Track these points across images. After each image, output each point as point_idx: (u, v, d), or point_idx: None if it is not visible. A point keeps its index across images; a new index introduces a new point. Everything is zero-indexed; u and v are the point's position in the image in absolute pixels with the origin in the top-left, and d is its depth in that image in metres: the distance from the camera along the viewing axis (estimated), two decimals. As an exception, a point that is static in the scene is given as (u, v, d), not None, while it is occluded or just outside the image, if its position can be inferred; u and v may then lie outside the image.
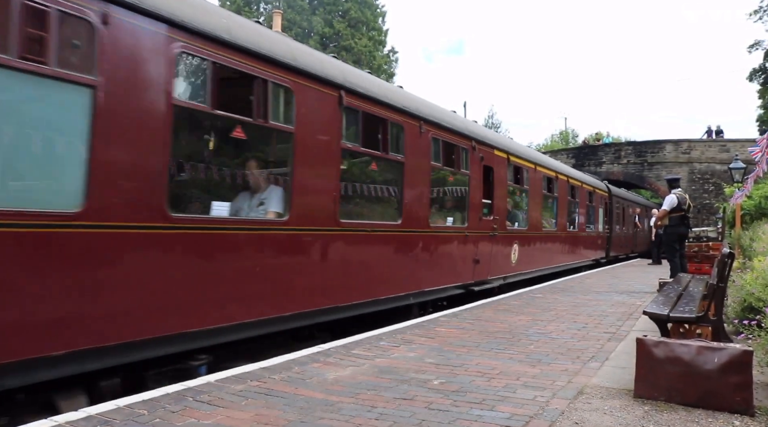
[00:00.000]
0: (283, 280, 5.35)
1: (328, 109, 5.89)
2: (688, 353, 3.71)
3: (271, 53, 5.10)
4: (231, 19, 4.94)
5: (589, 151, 34.21)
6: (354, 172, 6.98)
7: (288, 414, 3.41)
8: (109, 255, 3.81)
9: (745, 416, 3.51)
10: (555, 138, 62.50)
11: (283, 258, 5.37)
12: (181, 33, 4.27)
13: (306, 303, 5.63)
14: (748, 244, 11.16)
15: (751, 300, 5.38)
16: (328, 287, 5.93)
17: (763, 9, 32.27)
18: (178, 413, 3.38)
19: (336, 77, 5.98)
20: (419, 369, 4.53)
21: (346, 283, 6.23)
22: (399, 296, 7.20)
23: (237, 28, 4.86)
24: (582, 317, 7.25)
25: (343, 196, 6.32)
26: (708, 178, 29.55)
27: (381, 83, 7.39)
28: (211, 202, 4.84)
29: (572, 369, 4.61)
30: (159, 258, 4.15)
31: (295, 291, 5.50)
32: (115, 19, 3.80)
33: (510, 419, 3.38)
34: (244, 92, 5.00)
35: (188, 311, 4.36)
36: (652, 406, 3.68)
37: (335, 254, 6.07)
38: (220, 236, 4.65)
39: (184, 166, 4.92)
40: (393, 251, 7.16)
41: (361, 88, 6.37)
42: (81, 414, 3.29)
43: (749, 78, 35.28)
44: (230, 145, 5.51)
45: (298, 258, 5.58)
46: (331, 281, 5.97)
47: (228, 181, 5.52)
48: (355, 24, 42.06)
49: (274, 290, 5.23)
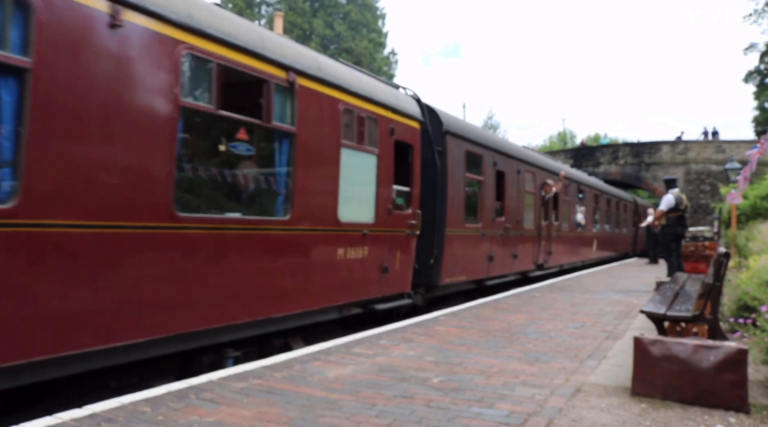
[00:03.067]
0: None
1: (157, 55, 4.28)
2: (685, 352, 3.75)
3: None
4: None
5: (587, 152, 34.40)
6: (207, 146, 5.52)
7: (289, 412, 3.45)
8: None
9: (741, 413, 3.56)
10: (553, 139, 62.63)
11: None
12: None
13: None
14: (744, 243, 11.25)
15: (746, 299, 5.43)
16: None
17: (758, 12, 32.43)
18: (181, 411, 3.41)
19: (174, 13, 4.39)
20: (419, 367, 4.57)
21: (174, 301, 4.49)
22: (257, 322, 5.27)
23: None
24: (580, 316, 7.30)
25: (185, 180, 4.78)
26: (704, 179, 29.69)
27: (253, 27, 5.53)
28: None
29: (570, 367, 4.66)
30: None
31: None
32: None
33: (509, 417, 3.43)
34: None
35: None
36: (648, 403, 3.73)
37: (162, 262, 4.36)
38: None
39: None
40: (273, 258, 5.40)
41: (215, 31, 4.72)
42: (85, 411, 3.32)
43: (745, 80, 35.49)
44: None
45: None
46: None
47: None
48: (355, 26, 42.08)
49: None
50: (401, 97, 7.92)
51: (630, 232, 24.61)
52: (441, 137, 8.55)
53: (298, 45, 6.20)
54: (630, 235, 24.63)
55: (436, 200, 8.45)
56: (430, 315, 7.32)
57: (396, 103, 7.50)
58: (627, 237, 24.25)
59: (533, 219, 12.68)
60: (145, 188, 4.23)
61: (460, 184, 9.09)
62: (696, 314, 4.72)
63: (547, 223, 13.38)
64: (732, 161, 15.16)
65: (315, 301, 5.99)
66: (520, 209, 11.79)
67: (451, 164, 8.69)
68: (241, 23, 5.26)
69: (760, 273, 5.51)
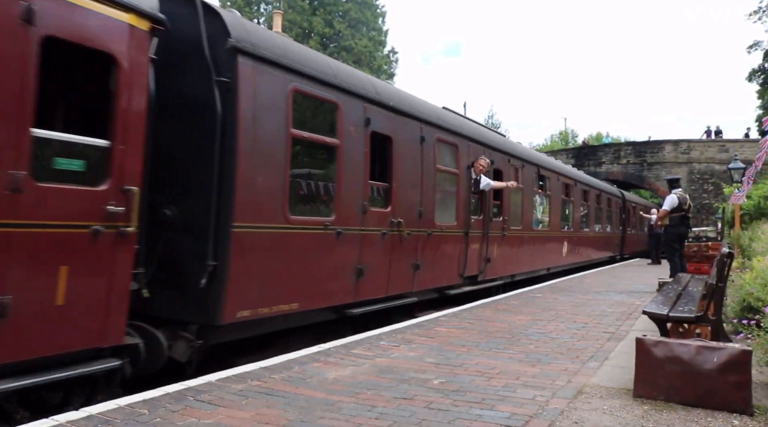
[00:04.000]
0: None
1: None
2: (688, 353, 3.72)
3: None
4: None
5: (589, 152, 34.33)
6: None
7: (288, 413, 3.42)
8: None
9: (744, 415, 3.52)
10: (555, 138, 62.55)
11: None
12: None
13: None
14: (747, 244, 11.19)
15: (750, 300, 5.40)
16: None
17: (762, 9, 32.32)
18: (179, 413, 3.39)
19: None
20: (419, 369, 4.54)
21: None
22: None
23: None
24: (581, 317, 7.26)
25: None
26: (707, 179, 29.60)
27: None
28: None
29: (572, 369, 4.62)
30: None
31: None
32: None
33: (510, 419, 3.39)
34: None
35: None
36: (651, 405, 3.69)
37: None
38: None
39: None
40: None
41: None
42: (82, 414, 3.30)
43: (748, 78, 35.35)
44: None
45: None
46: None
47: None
48: (355, 24, 42.03)
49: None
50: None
51: (617, 232, 21.37)
52: (228, 59, 4.84)
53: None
54: (617, 236, 21.40)
55: (213, 172, 4.79)
56: (430, 316, 7.29)
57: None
58: (614, 238, 20.90)
59: (457, 212, 8.68)
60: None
61: (276, 148, 5.28)
62: (699, 315, 4.68)
63: (479, 218, 9.37)
64: (735, 161, 15.12)
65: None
66: (426, 197, 7.76)
67: (250, 110, 4.95)
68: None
69: (764, 274, 5.47)
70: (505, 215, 10.43)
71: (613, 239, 20.78)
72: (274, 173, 5.26)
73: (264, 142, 5.14)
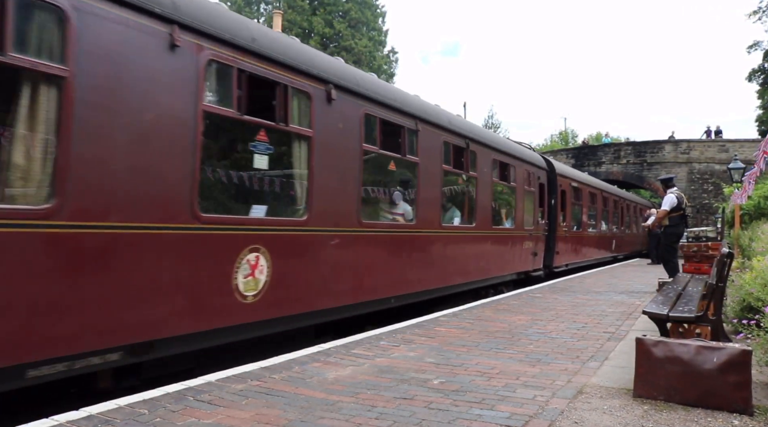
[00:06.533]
0: None
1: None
2: (688, 353, 3.71)
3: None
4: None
5: (589, 152, 34.27)
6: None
7: (288, 413, 3.42)
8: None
9: (744, 415, 3.51)
10: (555, 138, 62.55)
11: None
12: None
13: None
14: (747, 244, 11.18)
15: (750, 300, 5.39)
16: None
17: (762, 9, 32.32)
18: (179, 413, 3.39)
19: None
20: (419, 369, 4.54)
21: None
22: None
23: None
24: (581, 317, 7.26)
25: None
26: (707, 178, 29.59)
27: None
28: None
29: (572, 369, 4.62)
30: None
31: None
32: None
33: (510, 419, 3.39)
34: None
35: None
36: (651, 405, 3.69)
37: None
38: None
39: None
40: None
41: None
42: (82, 413, 3.30)
43: (748, 78, 35.32)
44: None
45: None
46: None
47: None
48: (355, 24, 42.01)
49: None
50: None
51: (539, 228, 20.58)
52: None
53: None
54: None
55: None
56: (430, 316, 7.29)
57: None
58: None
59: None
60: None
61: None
62: (699, 315, 4.68)
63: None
64: (735, 161, 15.10)
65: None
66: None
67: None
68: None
69: (764, 274, 5.47)
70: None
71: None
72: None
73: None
